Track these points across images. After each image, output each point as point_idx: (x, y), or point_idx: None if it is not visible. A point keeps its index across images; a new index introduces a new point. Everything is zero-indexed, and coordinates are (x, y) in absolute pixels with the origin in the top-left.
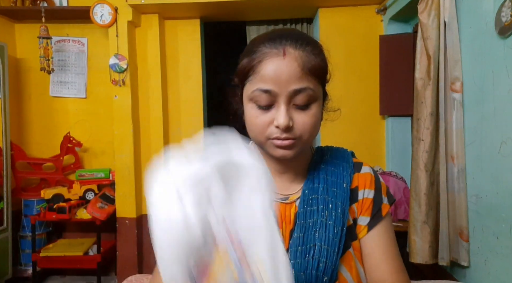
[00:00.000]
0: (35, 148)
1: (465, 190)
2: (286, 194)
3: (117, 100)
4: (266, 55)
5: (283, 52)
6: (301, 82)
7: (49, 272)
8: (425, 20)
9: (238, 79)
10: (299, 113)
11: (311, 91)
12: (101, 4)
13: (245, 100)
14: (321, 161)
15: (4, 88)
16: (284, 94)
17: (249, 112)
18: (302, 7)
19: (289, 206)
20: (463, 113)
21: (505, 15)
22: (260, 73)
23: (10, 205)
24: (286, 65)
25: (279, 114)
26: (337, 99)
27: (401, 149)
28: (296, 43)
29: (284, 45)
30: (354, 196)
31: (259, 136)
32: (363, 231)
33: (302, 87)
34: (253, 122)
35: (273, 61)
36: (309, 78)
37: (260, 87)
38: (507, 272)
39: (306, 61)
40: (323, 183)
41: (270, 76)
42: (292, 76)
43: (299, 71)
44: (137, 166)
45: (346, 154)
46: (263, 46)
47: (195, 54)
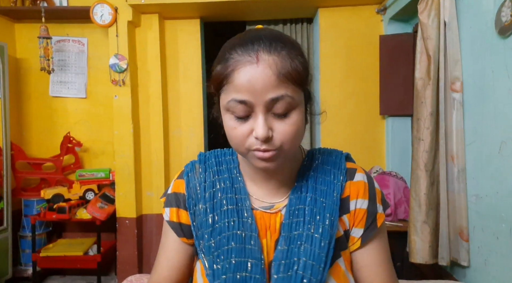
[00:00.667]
0: (35, 148)
1: (465, 190)
2: (271, 202)
3: (117, 100)
4: (238, 63)
5: (256, 59)
6: (277, 90)
7: (49, 272)
8: (425, 20)
9: (213, 87)
10: (279, 122)
11: (289, 99)
12: (101, 4)
13: (222, 110)
14: (311, 166)
15: (4, 88)
16: (261, 104)
17: (227, 123)
18: (302, 7)
19: (274, 215)
20: (463, 113)
21: (505, 15)
22: (234, 83)
23: (10, 205)
24: (260, 73)
25: (257, 125)
26: (337, 99)
27: (401, 149)
28: (270, 47)
29: (257, 51)
30: (345, 206)
31: (240, 148)
32: (356, 243)
33: (279, 96)
34: (231, 134)
35: (246, 70)
36: (286, 84)
37: (235, 97)
38: (507, 272)
39: (281, 67)
40: (311, 192)
41: (244, 86)
42: (267, 84)
43: (274, 79)
44: (137, 166)
45: (338, 159)
46: (235, 53)
47: (195, 54)
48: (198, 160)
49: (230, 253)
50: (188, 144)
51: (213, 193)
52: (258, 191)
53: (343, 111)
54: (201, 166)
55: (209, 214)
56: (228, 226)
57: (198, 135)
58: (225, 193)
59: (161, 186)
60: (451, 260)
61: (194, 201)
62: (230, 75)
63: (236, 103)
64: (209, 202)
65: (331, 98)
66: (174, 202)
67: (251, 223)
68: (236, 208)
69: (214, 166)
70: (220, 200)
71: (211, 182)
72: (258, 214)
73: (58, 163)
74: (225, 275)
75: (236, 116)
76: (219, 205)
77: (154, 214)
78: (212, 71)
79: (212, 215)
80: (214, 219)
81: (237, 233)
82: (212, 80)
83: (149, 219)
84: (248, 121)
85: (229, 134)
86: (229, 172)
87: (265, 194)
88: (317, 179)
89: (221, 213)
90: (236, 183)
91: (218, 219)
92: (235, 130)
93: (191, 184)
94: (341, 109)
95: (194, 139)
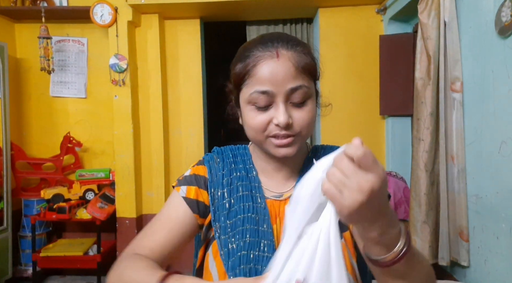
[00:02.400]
0: (35, 148)
1: (465, 190)
2: (280, 192)
3: (117, 100)
4: (260, 58)
5: (276, 54)
6: (296, 80)
7: (49, 272)
8: (425, 20)
9: (233, 84)
10: (297, 110)
11: (306, 89)
12: (101, 4)
13: (242, 103)
14: (315, 157)
15: (4, 88)
16: (282, 94)
17: (247, 114)
18: (302, 7)
19: (283, 202)
20: (463, 113)
21: (505, 15)
22: (256, 76)
23: (10, 205)
24: (281, 65)
25: (279, 113)
26: (337, 99)
27: (401, 149)
28: (287, 44)
29: (276, 48)
30: None
31: (259, 135)
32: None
33: (298, 85)
34: (252, 123)
35: (268, 63)
36: (303, 76)
37: (258, 89)
38: (507, 272)
39: (298, 60)
40: None
41: (266, 78)
42: (287, 75)
43: (293, 70)
44: (137, 166)
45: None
46: (256, 50)
47: (195, 54)
48: (215, 152)
49: (245, 233)
50: (188, 144)
51: (230, 180)
52: (268, 182)
53: (343, 111)
54: (218, 156)
55: (226, 198)
56: (243, 209)
57: (198, 135)
58: (240, 181)
59: (161, 186)
60: (451, 260)
61: (215, 185)
62: (252, 69)
63: (258, 94)
64: (227, 188)
65: (331, 98)
66: (194, 181)
67: (264, 207)
68: (251, 194)
69: (231, 157)
70: (237, 186)
71: (228, 170)
72: (269, 202)
73: (58, 163)
74: (240, 253)
75: (258, 107)
76: (236, 191)
77: (154, 214)
78: (231, 71)
79: (229, 199)
80: (230, 202)
81: (251, 216)
82: (233, 78)
83: (149, 219)
84: (268, 111)
85: (250, 124)
86: (244, 163)
87: (274, 184)
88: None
89: (237, 198)
90: (249, 173)
91: (234, 202)
92: (256, 119)
93: (212, 170)
94: (341, 109)
95: (194, 139)
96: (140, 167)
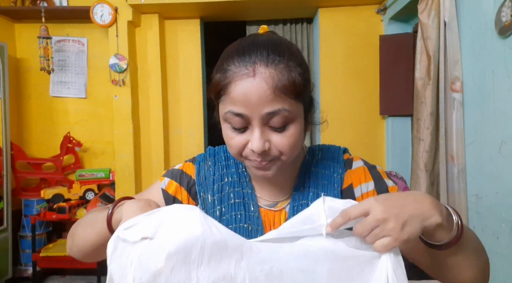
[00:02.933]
0: (35, 148)
1: (465, 190)
2: (275, 200)
3: (117, 100)
4: (235, 75)
5: (253, 72)
6: (273, 104)
7: (49, 272)
8: (425, 20)
9: (212, 95)
10: (276, 135)
11: (286, 112)
12: (101, 4)
13: (220, 118)
14: (311, 162)
15: (4, 88)
16: (257, 118)
17: (225, 132)
18: (302, 7)
19: (278, 213)
20: (463, 113)
21: (505, 15)
22: (230, 95)
23: (10, 205)
24: (256, 87)
25: (253, 138)
26: (337, 99)
27: (401, 149)
28: (267, 59)
29: (254, 63)
30: (350, 195)
31: (237, 156)
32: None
33: (275, 110)
34: (229, 143)
35: (242, 83)
36: (282, 99)
37: (231, 110)
38: (507, 272)
39: (277, 80)
40: (313, 187)
41: (240, 99)
42: (262, 98)
43: (270, 93)
44: (137, 166)
45: (336, 153)
46: (232, 65)
47: (195, 54)
48: (208, 153)
49: None
50: (188, 144)
51: (221, 186)
52: (262, 189)
53: (343, 111)
54: (210, 159)
55: (217, 206)
56: (235, 219)
57: (198, 135)
58: (232, 187)
59: None
60: None
61: (204, 189)
62: (227, 87)
63: (232, 115)
64: (217, 195)
65: (331, 99)
66: (178, 177)
67: (257, 217)
68: (243, 202)
69: (223, 160)
70: (228, 193)
71: (220, 175)
72: (262, 212)
73: (58, 163)
74: None
75: (233, 127)
76: (227, 198)
77: None
78: (212, 78)
79: (219, 207)
80: (221, 211)
81: (243, 226)
82: (211, 88)
83: None
84: (245, 132)
85: (227, 143)
86: (236, 166)
87: (268, 192)
88: (318, 174)
89: (228, 205)
90: (242, 178)
91: (226, 211)
92: (232, 140)
93: (201, 173)
94: (341, 109)
95: (194, 139)
96: (140, 167)
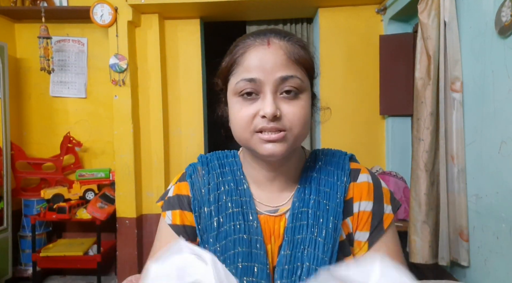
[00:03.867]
0: (35, 148)
1: (465, 190)
2: (275, 206)
3: (117, 100)
4: (249, 46)
5: (267, 42)
6: (288, 70)
7: (49, 272)
8: (425, 20)
9: (221, 78)
10: (288, 104)
11: (299, 80)
12: (101, 4)
13: (229, 96)
14: (314, 167)
15: (4, 88)
16: (270, 83)
17: (233, 107)
18: (302, 7)
19: (278, 219)
20: (463, 113)
21: (505, 15)
22: (244, 64)
23: (10, 205)
24: (272, 53)
25: (265, 103)
26: (337, 99)
27: (401, 149)
28: (280, 35)
29: (268, 37)
30: (349, 208)
31: (244, 132)
32: (364, 248)
33: (289, 75)
34: (237, 116)
35: (257, 51)
36: (296, 67)
37: (244, 76)
38: (507, 272)
39: (292, 51)
40: (314, 194)
41: (254, 65)
42: (278, 63)
43: (285, 59)
44: (137, 166)
45: (342, 160)
46: (246, 39)
47: (195, 54)
48: (199, 162)
49: (237, 257)
50: (188, 144)
51: (217, 196)
52: (261, 194)
53: (343, 111)
54: (203, 167)
55: (214, 217)
56: (234, 230)
57: (198, 135)
58: (229, 196)
59: (161, 186)
60: (451, 260)
61: (199, 203)
62: (240, 58)
63: (245, 82)
64: (214, 205)
65: (331, 98)
66: (177, 204)
67: (256, 226)
68: (242, 211)
69: (218, 168)
70: (225, 202)
71: (215, 184)
72: (262, 218)
73: (58, 163)
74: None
75: (244, 98)
76: (224, 208)
77: (154, 214)
78: (221, 65)
79: (217, 218)
80: (219, 222)
81: (243, 237)
82: (220, 71)
83: (149, 219)
84: (255, 103)
85: (235, 118)
86: (233, 173)
87: (268, 196)
88: (320, 181)
89: (226, 216)
90: (240, 185)
91: (223, 222)
92: (241, 112)
93: (195, 186)
94: (341, 109)
95: (194, 139)
96: (140, 167)
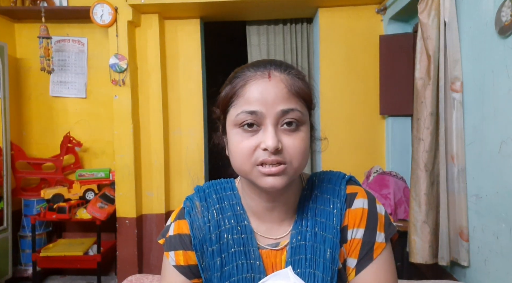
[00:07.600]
0: (35, 148)
1: (465, 190)
2: (276, 238)
3: (117, 100)
4: (250, 78)
5: (268, 75)
6: (288, 102)
7: (49, 272)
8: (425, 20)
9: (220, 108)
10: (288, 136)
11: (299, 113)
12: (101, 4)
13: (228, 127)
14: (310, 197)
15: (4, 88)
16: (272, 115)
17: (233, 138)
18: (302, 7)
19: (279, 252)
20: (463, 113)
21: (505, 15)
22: (245, 96)
23: (10, 205)
24: (273, 85)
25: (267, 136)
26: (337, 99)
27: (401, 149)
28: (280, 67)
29: (268, 69)
30: (344, 236)
31: (245, 164)
32: (352, 273)
33: (290, 108)
34: (237, 148)
35: (258, 83)
36: (296, 99)
37: (245, 109)
38: (507, 272)
39: (292, 83)
40: (311, 227)
41: (255, 98)
42: (279, 96)
43: (286, 92)
44: (137, 166)
45: (338, 185)
46: (247, 71)
47: (195, 54)
48: (197, 196)
49: None
50: (188, 144)
51: (219, 234)
52: (262, 226)
53: (343, 111)
54: (202, 204)
55: (217, 257)
56: (237, 270)
57: (198, 135)
58: (231, 234)
59: (161, 186)
60: (451, 260)
61: (201, 242)
62: (241, 90)
63: (246, 114)
64: (216, 244)
65: (331, 99)
66: (180, 244)
67: (259, 264)
68: (244, 249)
69: (216, 203)
70: (227, 241)
71: (216, 222)
72: (264, 253)
73: (58, 163)
74: None
75: (244, 129)
76: (226, 247)
77: (154, 214)
78: (220, 93)
79: (220, 258)
80: (222, 262)
81: (246, 277)
82: (220, 101)
83: (149, 219)
84: (256, 135)
85: (235, 150)
86: (232, 209)
87: (269, 228)
88: (317, 210)
89: (228, 255)
90: (240, 221)
91: (226, 261)
92: (242, 144)
93: (195, 224)
94: (341, 109)
95: (194, 139)
96: (140, 167)
